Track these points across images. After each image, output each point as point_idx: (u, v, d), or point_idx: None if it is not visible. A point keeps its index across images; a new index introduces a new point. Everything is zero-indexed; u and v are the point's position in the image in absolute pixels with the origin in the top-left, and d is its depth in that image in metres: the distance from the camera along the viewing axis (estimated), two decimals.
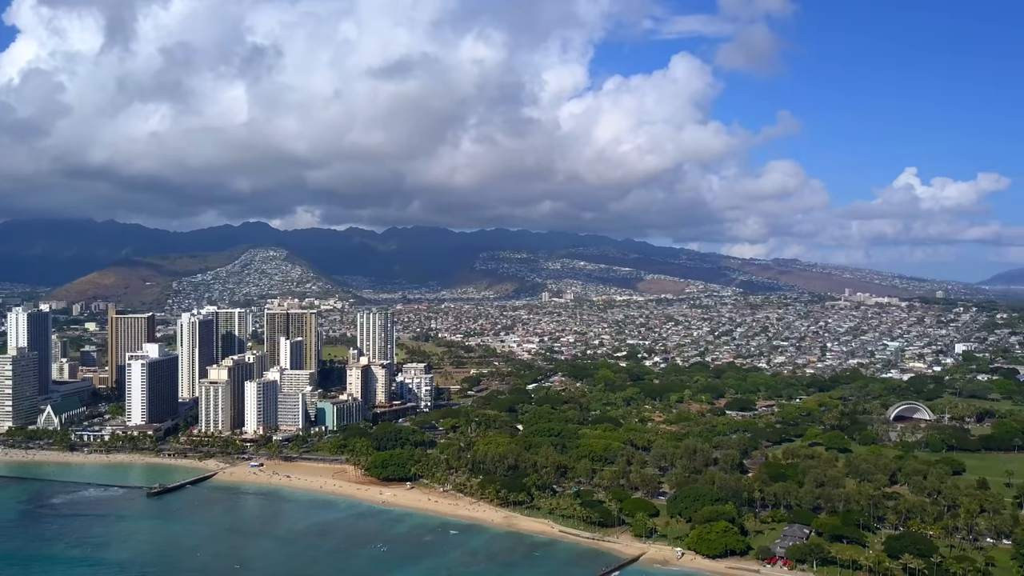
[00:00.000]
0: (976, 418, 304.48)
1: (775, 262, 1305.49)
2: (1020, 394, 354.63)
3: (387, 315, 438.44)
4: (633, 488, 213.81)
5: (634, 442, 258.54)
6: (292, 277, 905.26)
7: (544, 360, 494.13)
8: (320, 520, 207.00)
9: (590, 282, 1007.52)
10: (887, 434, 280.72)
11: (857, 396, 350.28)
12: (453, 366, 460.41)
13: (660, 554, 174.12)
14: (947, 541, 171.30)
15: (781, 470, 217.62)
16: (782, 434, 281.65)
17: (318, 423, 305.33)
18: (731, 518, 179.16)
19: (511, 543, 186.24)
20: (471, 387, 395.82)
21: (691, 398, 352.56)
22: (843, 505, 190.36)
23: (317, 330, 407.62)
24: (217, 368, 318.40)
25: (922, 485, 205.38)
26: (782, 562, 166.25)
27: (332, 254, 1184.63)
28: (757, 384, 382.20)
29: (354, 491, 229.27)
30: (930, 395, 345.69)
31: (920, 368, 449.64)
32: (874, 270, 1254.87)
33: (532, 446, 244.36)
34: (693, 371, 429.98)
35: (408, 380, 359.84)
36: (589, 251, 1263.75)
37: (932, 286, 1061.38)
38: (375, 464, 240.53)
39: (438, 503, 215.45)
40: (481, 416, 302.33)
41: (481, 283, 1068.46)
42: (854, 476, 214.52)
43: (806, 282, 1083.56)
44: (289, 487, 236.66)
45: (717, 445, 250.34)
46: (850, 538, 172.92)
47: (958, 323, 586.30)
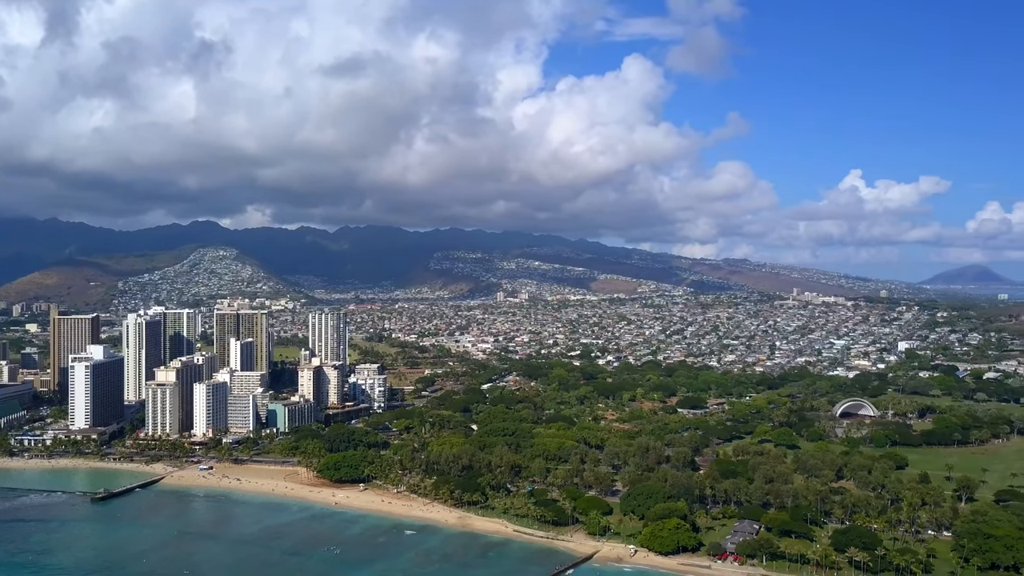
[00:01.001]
0: (918, 414, 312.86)
1: (725, 262, 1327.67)
2: (959, 390, 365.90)
3: (340, 315, 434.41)
4: (587, 487, 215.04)
5: (588, 441, 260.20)
6: (242, 277, 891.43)
7: (499, 360, 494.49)
8: (272, 523, 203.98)
9: (544, 282, 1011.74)
10: (834, 430, 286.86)
11: (805, 393, 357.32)
12: (407, 367, 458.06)
13: (613, 552, 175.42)
14: (891, 534, 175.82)
15: (731, 467, 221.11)
16: (732, 431, 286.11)
17: (269, 425, 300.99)
18: (683, 515, 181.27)
19: (465, 543, 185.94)
20: (425, 387, 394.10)
21: (643, 396, 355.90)
22: (791, 500, 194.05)
23: (268, 331, 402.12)
24: (165, 370, 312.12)
25: (867, 480, 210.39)
26: (732, 557, 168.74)
27: (283, 254, 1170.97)
28: (708, 382, 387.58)
29: (306, 493, 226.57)
30: (874, 392, 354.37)
31: (865, 366, 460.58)
32: (821, 270, 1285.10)
33: (486, 446, 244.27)
34: (645, 370, 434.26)
35: (361, 381, 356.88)
36: (543, 251, 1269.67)
37: (876, 286, 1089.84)
38: (328, 466, 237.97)
39: (392, 504, 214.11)
40: (435, 416, 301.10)
41: (436, 283, 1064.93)
42: (802, 472, 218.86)
43: (755, 282, 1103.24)
44: (240, 490, 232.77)
45: (669, 443, 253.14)
46: (798, 533, 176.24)
47: (901, 322, 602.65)
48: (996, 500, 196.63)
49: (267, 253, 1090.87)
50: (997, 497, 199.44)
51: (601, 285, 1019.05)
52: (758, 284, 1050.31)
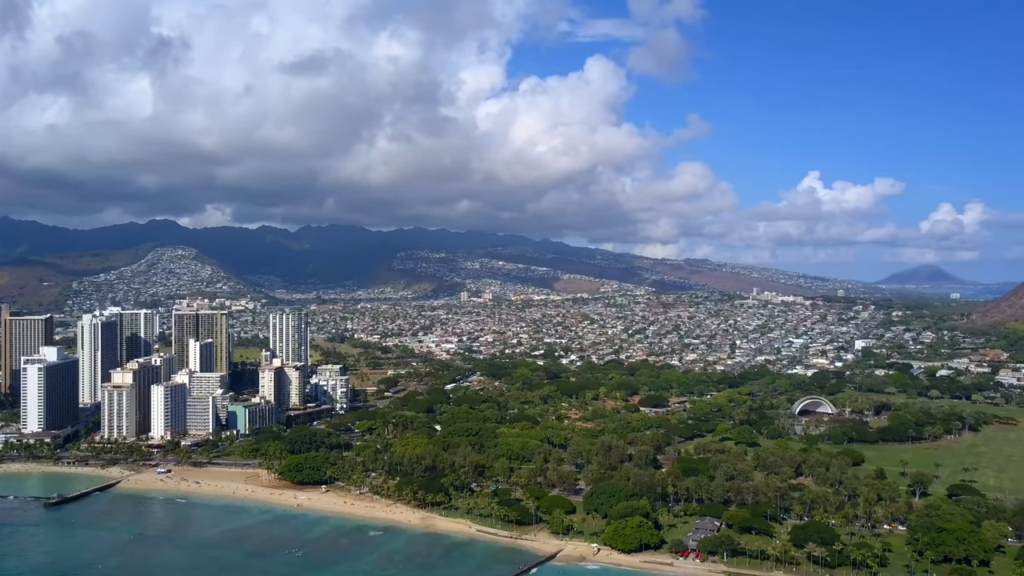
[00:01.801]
0: (874, 411, 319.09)
1: (686, 262, 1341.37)
2: (914, 388, 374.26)
3: (301, 316, 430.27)
4: (550, 486, 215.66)
5: (551, 440, 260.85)
6: (202, 277, 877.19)
7: (463, 360, 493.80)
8: (232, 526, 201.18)
9: (509, 282, 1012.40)
10: (793, 428, 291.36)
11: (765, 392, 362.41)
12: (370, 367, 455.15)
13: (577, 550, 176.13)
14: (848, 529, 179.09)
15: (693, 465, 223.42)
16: (694, 430, 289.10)
17: (229, 427, 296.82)
18: (645, 513, 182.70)
19: (429, 544, 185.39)
20: (388, 388, 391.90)
21: (606, 395, 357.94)
22: (752, 497, 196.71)
23: (228, 331, 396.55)
24: (121, 371, 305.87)
25: (825, 476, 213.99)
26: (694, 554, 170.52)
27: (244, 253, 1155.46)
28: (670, 381, 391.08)
29: (267, 496, 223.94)
30: (832, 390, 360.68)
31: (823, 364, 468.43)
32: (780, 270, 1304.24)
33: (450, 446, 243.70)
34: (608, 369, 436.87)
35: (323, 382, 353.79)
36: (507, 251, 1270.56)
37: (834, 285, 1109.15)
38: (289, 468, 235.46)
39: (354, 506, 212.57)
40: (398, 417, 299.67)
41: (399, 283, 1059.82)
42: (762, 469, 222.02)
43: (716, 281, 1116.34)
44: (199, 493, 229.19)
45: (632, 441, 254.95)
46: (758, 529, 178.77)
47: (858, 320, 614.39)
48: (948, 494, 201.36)
49: (227, 253, 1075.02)
50: (949, 492, 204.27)
51: (565, 285, 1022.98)
52: (719, 284, 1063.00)
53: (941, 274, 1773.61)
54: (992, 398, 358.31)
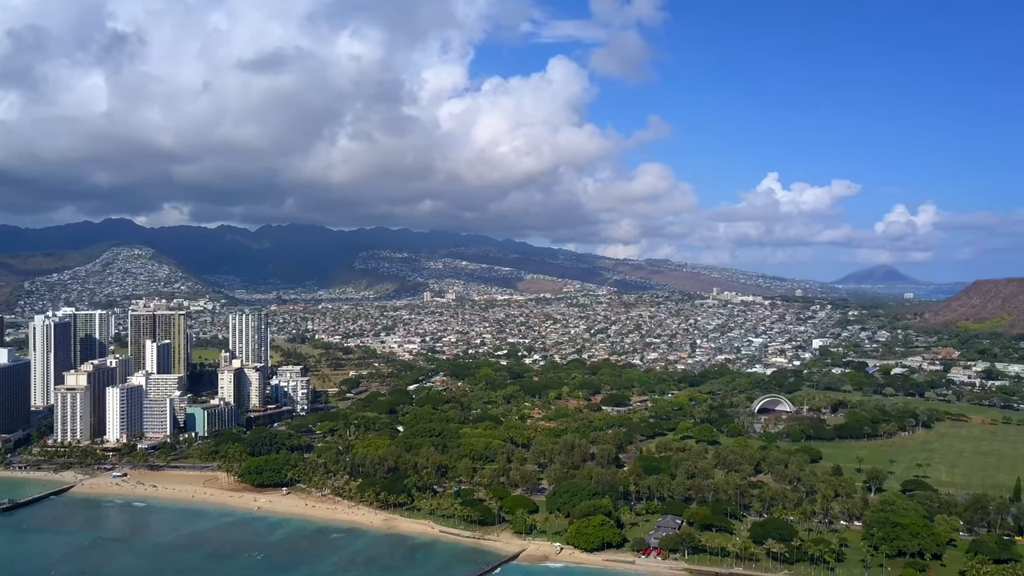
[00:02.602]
0: (831, 409, 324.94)
1: (647, 262, 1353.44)
2: (869, 386, 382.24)
3: (261, 316, 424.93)
4: (513, 485, 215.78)
5: (514, 440, 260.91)
6: (159, 277, 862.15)
7: (426, 360, 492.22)
8: (190, 530, 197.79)
9: (472, 282, 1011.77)
10: (752, 426, 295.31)
11: (725, 390, 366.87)
12: (331, 368, 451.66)
13: (540, 550, 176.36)
14: (806, 525, 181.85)
15: (655, 463, 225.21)
16: (655, 428, 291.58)
17: (188, 429, 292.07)
18: (608, 512, 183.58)
19: (391, 545, 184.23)
20: (350, 389, 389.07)
21: (569, 395, 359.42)
22: (712, 495, 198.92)
23: (186, 332, 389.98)
24: (75, 373, 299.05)
25: (784, 473, 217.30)
26: (656, 552, 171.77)
27: (202, 253, 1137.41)
28: (631, 380, 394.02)
29: (226, 499, 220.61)
30: (791, 388, 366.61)
31: (782, 363, 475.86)
32: (739, 270, 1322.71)
33: (412, 447, 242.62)
34: (571, 368, 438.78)
35: (284, 383, 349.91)
36: (471, 251, 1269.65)
37: (792, 285, 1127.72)
38: (249, 470, 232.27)
39: (316, 508, 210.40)
40: (360, 418, 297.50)
41: (360, 283, 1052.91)
42: (722, 467, 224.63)
43: (677, 281, 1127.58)
44: (156, 497, 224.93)
45: (594, 440, 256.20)
46: (719, 526, 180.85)
47: (815, 320, 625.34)
48: (903, 490, 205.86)
49: (185, 252, 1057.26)
50: (903, 487, 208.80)
51: (528, 285, 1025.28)
52: (679, 284, 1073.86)
53: (895, 274, 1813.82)
54: (944, 395, 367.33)
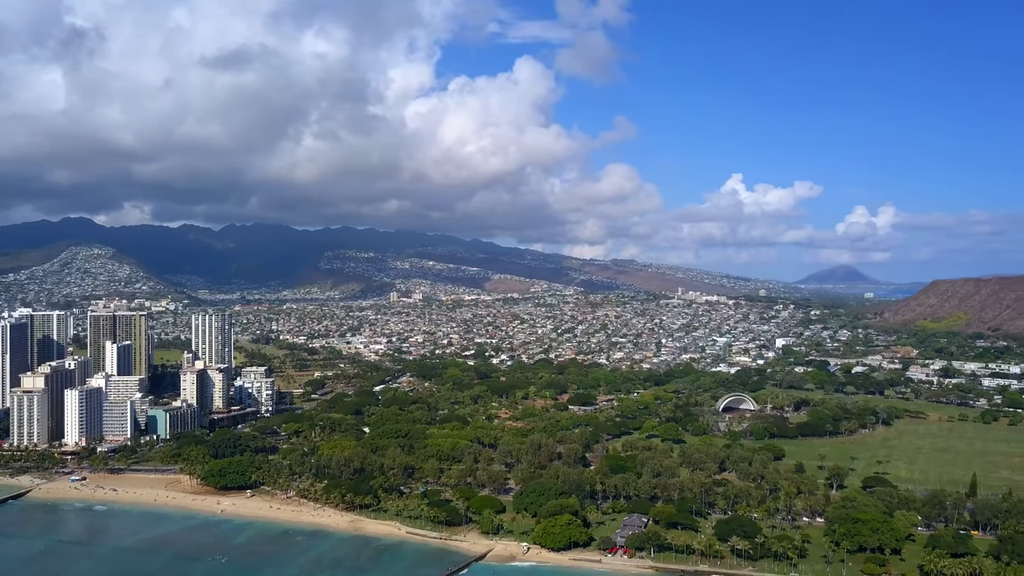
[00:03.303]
0: (794, 407, 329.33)
1: (613, 262, 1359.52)
2: (831, 384, 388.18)
3: (225, 316, 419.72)
4: (480, 486, 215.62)
5: (481, 440, 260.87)
6: (119, 277, 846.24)
7: (392, 361, 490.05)
8: (151, 534, 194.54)
9: (439, 282, 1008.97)
10: (717, 424, 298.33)
11: (690, 389, 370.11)
12: (296, 369, 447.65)
13: (507, 550, 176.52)
14: (769, 522, 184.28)
15: (621, 462, 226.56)
16: (621, 427, 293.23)
17: (149, 432, 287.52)
18: (574, 511, 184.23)
19: (357, 547, 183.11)
20: (315, 390, 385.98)
21: (536, 394, 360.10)
22: (678, 493, 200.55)
23: (148, 333, 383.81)
24: (32, 375, 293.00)
25: (748, 471, 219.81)
26: (622, 551, 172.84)
27: (164, 252, 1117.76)
28: (598, 379, 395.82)
29: (189, 502, 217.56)
30: (754, 387, 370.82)
31: (745, 362, 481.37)
32: (704, 270, 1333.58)
33: (379, 448, 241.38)
34: (538, 368, 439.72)
35: (248, 384, 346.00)
36: (438, 251, 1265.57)
37: (755, 285, 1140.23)
38: (212, 472, 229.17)
39: (281, 510, 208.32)
40: (325, 419, 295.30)
41: (326, 283, 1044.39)
42: (687, 465, 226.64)
43: (642, 281, 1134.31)
44: (116, 501, 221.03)
45: (561, 440, 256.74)
46: (684, 524, 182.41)
47: (778, 319, 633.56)
48: (863, 486, 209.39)
49: (146, 252, 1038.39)
50: (864, 484, 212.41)
51: (495, 285, 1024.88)
52: (645, 284, 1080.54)
53: (856, 274, 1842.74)
54: (903, 393, 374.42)
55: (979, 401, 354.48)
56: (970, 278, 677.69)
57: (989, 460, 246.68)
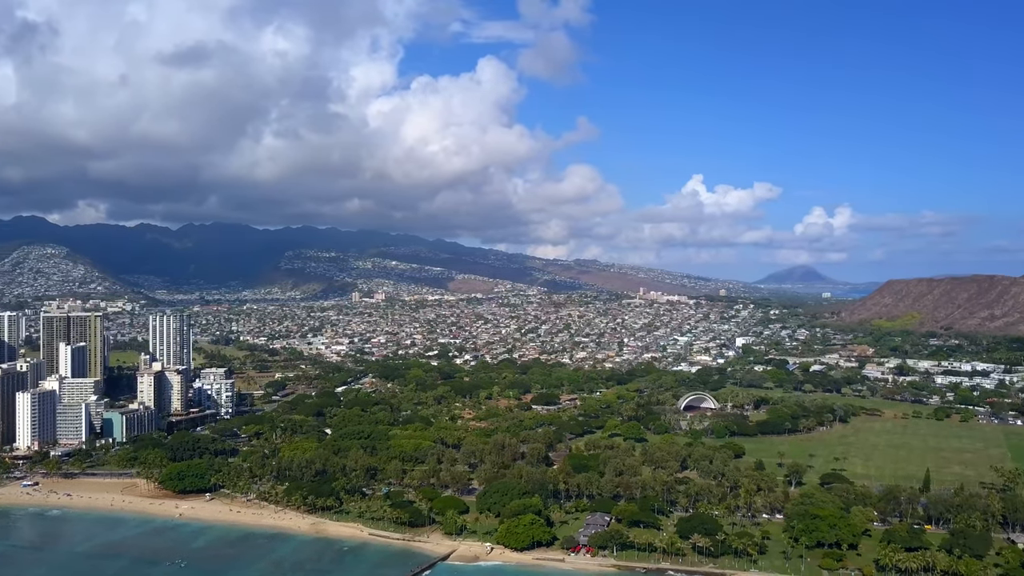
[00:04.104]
0: (754, 405, 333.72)
1: (576, 263, 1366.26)
2: (790, 382, 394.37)
3: (183, 317, 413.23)
4: (443, 486, 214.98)
5: (445, 440, 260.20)
6: (74, 277, 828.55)
7: (354, 362, 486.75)
8: (107, 539, 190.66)
9: (402, 282, 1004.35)
10: (678, 423, 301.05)
11: (651, 388, 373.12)
12: (256, 370, 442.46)
13: (470, 550, 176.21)
14: (730, 519, 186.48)
15: (584, 461, 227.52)
16: (584, 426, 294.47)
17: (105, 435, 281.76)
18: (538, 510, 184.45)
19: (319, 549, 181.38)
20: (276, 392, 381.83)
21: (500, 394, 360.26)
22: (640, 492, 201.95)
23: (103, 334, 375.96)
24: None
25: (709, 469, 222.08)
26: (585, 550, 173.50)
27: (120, 252, 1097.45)
28: (561, 379, 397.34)
29: (146, 506, 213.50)
30: (715, 385, 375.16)
31: (706, 361, 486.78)
32: (665, 270, 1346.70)
33: (341, 449, 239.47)
34: (501, 368, 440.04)
35: (207, 386, 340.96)
36: (401, 251, 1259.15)
37: (716, 285, 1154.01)
38: (170, 476, 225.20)
39: (241, 513, 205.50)
40: (287, 421, 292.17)
41: (287, 283, 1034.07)
42: (650, 464, 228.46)
43: (605, 281, 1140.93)
44: (70, 506, 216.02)
45: (524, 439, 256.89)
46: (646, 522, 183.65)
47: (738, 319, 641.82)
48: (821, 483, 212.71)
49: (102, 251, 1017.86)
50: (822, 480, 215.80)
51: (459, 285, 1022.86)
52: (607, 284, 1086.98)
53: (814, 274, 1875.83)
54: (860, 391, 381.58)
55: (932, 398, 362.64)
56: (923, 278, 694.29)
57: (941, 456, 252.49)
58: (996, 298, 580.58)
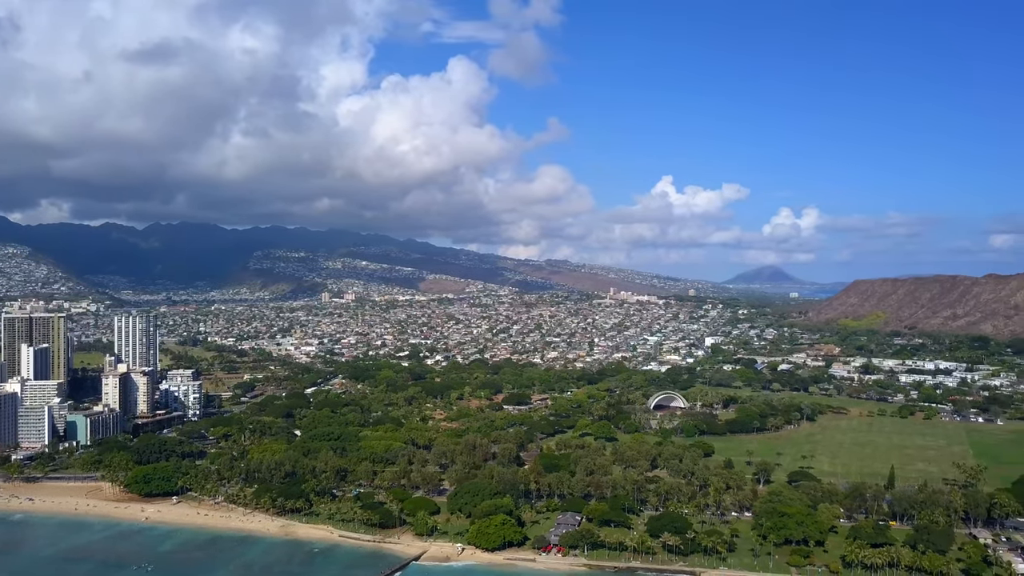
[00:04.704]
0: (723, 404, 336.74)
1: (547, 263, 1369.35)
2: (758, 382, 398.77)
3: (150, 318, 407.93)
4: (414, 487, 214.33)
5: (415, 441, 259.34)
6: (36, 277, 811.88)
7: (324, 363, 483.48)
8: (71, 544, 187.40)
9: (372, 282, 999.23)
10: (648, 422, 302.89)
11: (622, 388, 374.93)
12: (225, 371, 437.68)
13: (441, 551, 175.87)
14: (700, 517, 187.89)
15: (555, 461, 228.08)
16: (555, 426, 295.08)
17: (69, 438, 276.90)
18: (509, 511, 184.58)
19: (288, 552, 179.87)
20: (245, 393, 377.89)
21: (471, 395, 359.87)
22: (610, 491, 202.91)
23: (67, 335, 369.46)
24: None
25: (678, 468, 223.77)
26: (556, 549, 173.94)
27: (85, 252, 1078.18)
28: (532, 379, 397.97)
29: (112, 510, 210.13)
30: (684, 385, 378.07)
31: (676, 360, 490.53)
32: (635, 270, 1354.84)
33: (311, 451, 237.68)
34: (473, 368, 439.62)
35: (174, 388, 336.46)
36: (371, 251, 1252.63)
37: (685, 285, 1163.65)
38: (136, 479, 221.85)
39: (209, 516, 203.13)
40: (255, 423, 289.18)
41: (255, 283, 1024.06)
42: (620, 463, 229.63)
43: (575, 281, 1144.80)
44: (33, 511, 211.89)
45: (495, 440, 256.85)
46: (617, 522, 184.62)
47: (707, 319, 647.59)
48: (789, 481, 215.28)
49: (66, 251, 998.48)
50: (789, 478, 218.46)
51: (430, 285, 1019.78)
52: (578, 284, 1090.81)
53: (781, 274, 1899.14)
54: (826, 390, 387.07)
55: (896, 396, 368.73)
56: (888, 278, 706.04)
57: (905, 453, 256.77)
58: (958, 298, 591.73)
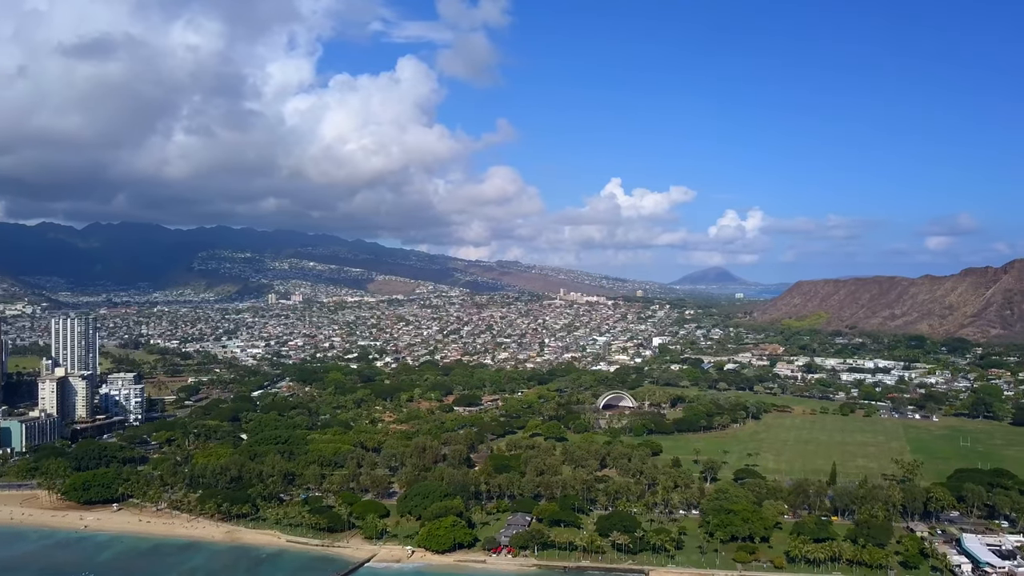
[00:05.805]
0: (671, 403, 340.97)
1: (498, 264, 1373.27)
2: (705, 381, 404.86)
3: (89, 320, 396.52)
4: (363, 490, 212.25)
5: (364, 444, 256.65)
6: None
7: (271, 365, 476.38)
8: (6, 555, 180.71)
9: (320, 283, 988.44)
10: (597, 422, 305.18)
11: (571, 388, 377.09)
12: (168, 375, 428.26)
13: (391, 554, 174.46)
14: (648, 516, 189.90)
15: (505, 461, 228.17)
16: (506, 427, 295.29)
17: (3, 445, 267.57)
18: (459, 512, 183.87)
19: (234, 558, 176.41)
20: (189, 397, 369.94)
21: (421, 396, 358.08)
22: (560, 491, 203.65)
23: (1, 338, 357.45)
24: None
25: (627, 467, 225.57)
26: (506, 550, 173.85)
27: (20, 252, 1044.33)
28: (483, 380, 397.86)
29: (48, 519, 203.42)
30: (633, 384, 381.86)
31: (624, 360, 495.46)
32: (584, 271, 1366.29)
33: (257, 455, 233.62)
34: (423, 370, 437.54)
35: (115, 392, 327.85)
36: (319, 251, 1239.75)
37: (633, 286, 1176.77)
38: (74, 486, 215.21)
39: (151, 523, 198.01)
40: (200, 427, 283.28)
41: (200, 284, 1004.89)
42: (570, 463, 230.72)
43: (526, 282, 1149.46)
44: None
45: (446, 441, 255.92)
46: (567, 521, 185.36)
47: (655, 319, 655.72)
48: (735, 478, 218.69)
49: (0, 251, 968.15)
50: (735, 476, 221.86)
51: (379, 286, 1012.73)
52: (528, 285, 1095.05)
53: (727, 275, 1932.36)
54: (771, 389, 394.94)
55: (838, 395, 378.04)
56: (829, 279, 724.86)
57: (846, 450, 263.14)
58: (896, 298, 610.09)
